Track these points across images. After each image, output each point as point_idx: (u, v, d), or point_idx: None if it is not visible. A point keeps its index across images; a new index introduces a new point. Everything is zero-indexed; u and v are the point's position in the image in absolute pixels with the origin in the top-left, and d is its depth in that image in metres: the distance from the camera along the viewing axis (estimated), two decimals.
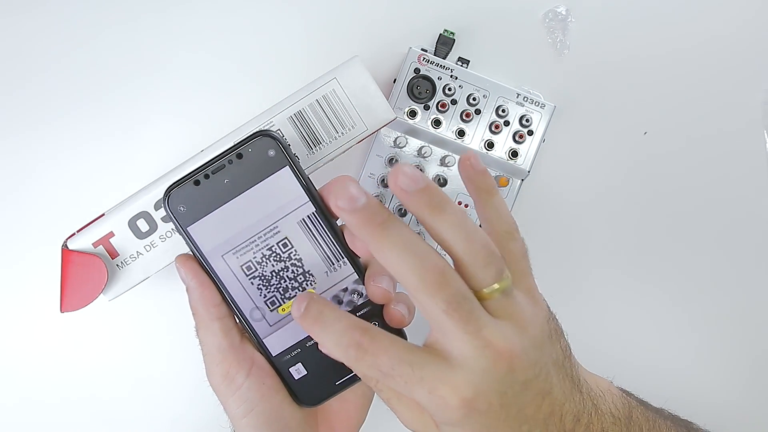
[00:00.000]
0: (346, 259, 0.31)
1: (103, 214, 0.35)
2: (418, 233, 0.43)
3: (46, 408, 0.44)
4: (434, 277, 0.25)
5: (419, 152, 0.43)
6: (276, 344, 0.32)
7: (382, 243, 0.25)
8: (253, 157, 0.30)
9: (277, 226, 0.31)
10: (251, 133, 0.31)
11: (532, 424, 0.27)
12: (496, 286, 0.26)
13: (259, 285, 0.31)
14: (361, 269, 0.31)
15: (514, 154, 0.43)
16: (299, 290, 0.31)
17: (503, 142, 0.43)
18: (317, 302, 0.27)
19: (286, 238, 0.31)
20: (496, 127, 0.43)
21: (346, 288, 0.31)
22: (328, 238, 0.31)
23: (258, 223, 0.31)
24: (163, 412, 0.45)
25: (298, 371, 0.32)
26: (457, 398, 0.25)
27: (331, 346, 0.27)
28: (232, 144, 0.31)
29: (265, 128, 0.34)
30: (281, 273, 0.31)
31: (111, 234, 0.34)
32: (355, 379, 0.32)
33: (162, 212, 0.34)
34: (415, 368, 0.26)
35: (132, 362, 0.45)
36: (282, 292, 0.31)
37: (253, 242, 0.31)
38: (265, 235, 0.31)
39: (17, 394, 0.44)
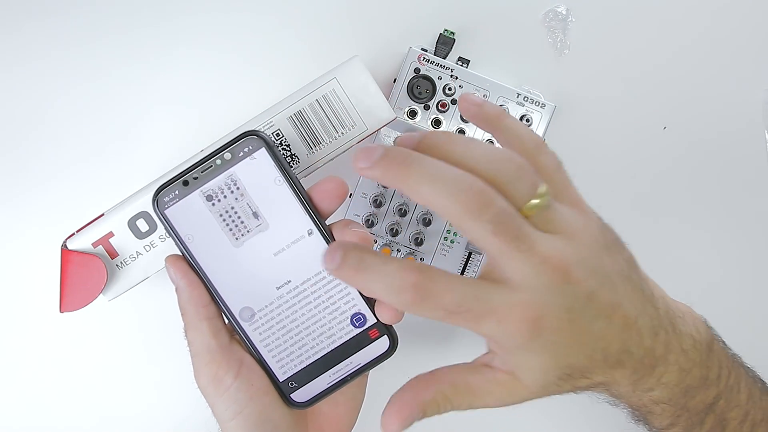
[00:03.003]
0: None
1: (102, 214, 0.35)
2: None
3: (45, 409, 0.44)
4: (473, 198, 0.24)
5: None
6: (266, 344, 0.32)
7: (410, 180, 0.24)
8: (241, 157, 0.30)
9: (267, 226, 0.31)
10: (239, 133, 0.31)
11: (608, 340, 0.26)
12: (535, 201, 0.25)
13: (249, 286, 0.31)
14: None
15: None
16: (290, 289, 0.31)
17: None
18: (355, 249, 0.25)
19: (275, 238, 0.31)
20: None
21: (337, 284, 0.31)
22: (316, 237, 0.31)
23: (247, 223, 0.31)
24: (163, 413, 0.45)
25: (288, 372, 0.32)
26: (524, 319, 0.24)
27: (382, 293, 0.24)
28: (221, 144, 0.31)
29: (254, 128, 0.34)
30: (272, 273, 0.31)
31: (110, 234, 0.34)
32: (347, 379, 0.32)
33: None
34: (482, 301, 0.24)
35: (131, 362, 0.45)
36: (272, 292, 0.31)
37: (242, 243, 0.31)
38: (254, 235, 0.31)
39: (16, 395, 0.44)
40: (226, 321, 0.32)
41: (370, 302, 0.32)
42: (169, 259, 0.31)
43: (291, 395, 0.32)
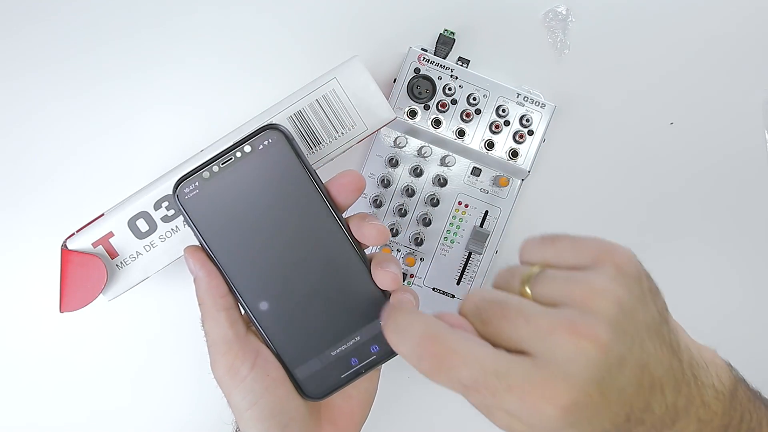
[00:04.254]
0: (353, 249, 0.31)
1: (102, 214, 0.35)
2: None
3: (45, 408, 0.44)
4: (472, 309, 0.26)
5: (419, 152, 0.43)
6: (281, 336, 0.32)
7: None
8: (261, 150, 0.31)
9: (284, 219, 0.31)
10: (260, 126, 0.31)
11: (634, 404, 0.24)
12: (526, 274, 0.26)
13: (266, 277, 0.31)
14: (366, 260, 0.32)
15: (515, 154, 0.43)
16: (306, 282, 0.32)
17: (503, 142, 0.43)
18: (395, 312, 0.26)
19: (293, 230, 0.31)
20: (497, 126, 0.43)
21: (354, 278, 0.32)
22: (334, 229, 0.31)
23: (265, 216, 0.31)
24: (163, 412, 0.45)
25: (303, 363, 0.32)
26: (553, 406, 0.23)
27: (407, 358, 0.25)
28: (242, 137, 0.31)
29: (274, 122, 0.34)
30: (288, 265, 0.31)
31: (110, 234, 0.34)
32: (361, 372, 0.32)
33: (162, 212, 0.34)
34: (501, 378, 0.23)
35: (131, 362, 0.45)
36: (289, 285, 0.31)
37: (260, 235, 0.31)
38: (272, 228, 0.31)
39: (16, 394, 0.44)
40: (243, 312, 0.32)
41: (386, 295, 0.32)
42: (187, 250, 0.32)
43: (306, 387, 0.32)
